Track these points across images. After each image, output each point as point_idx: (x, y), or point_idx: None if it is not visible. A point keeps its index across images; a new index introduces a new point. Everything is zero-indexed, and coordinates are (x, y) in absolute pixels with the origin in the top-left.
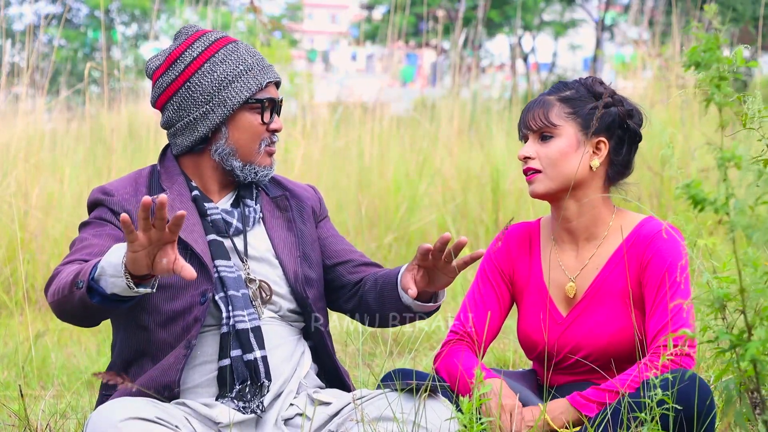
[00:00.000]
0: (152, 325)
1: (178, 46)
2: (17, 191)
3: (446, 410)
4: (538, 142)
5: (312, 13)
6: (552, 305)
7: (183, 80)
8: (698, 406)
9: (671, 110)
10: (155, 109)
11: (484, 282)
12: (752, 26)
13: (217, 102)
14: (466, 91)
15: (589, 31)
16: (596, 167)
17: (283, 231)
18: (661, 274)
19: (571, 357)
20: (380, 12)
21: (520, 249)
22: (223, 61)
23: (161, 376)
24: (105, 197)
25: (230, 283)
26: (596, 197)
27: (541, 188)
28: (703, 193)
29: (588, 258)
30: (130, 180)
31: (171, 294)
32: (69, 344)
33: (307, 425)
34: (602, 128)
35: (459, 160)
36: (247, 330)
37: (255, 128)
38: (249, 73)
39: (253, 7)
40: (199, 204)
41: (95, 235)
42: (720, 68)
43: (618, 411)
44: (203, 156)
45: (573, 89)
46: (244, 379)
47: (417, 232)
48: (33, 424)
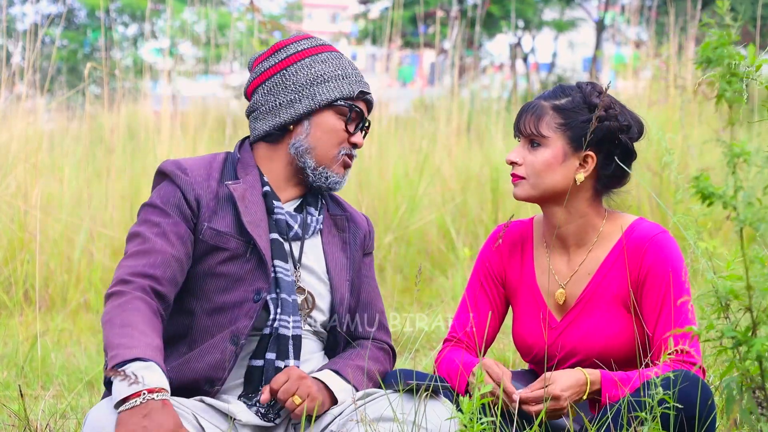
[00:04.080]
0: (199, 310)
1: (286, 39)
2: (17, 191)
3: (446, 411)
4: (528, 147)
5: (312, 13)
6: (545, 307)
7: (280, 68)
8: (699, 406)
9: (670, 110)
10: (246, 98)
11: (477, 286)
12: (752, 26)
13: (306, 94)
14: (466, 91)
15: (588, 31)
16: (580, 181)
17: (337, 250)
18: (665, 281)
19: (566, 361)
20: (378, 9)
21: (513, 251)
22: (324, 62)
23: (209, 371)
24: (179, 173)
25: (284, 286)
26: (584, 207)
27: (523, 194)
28: (712, 186)
29: (579, 264)
30: (205, 162)
31: (225, 285)
32: (69, 344)
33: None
34: (591, 142)
35: (458, 160)
36: (288, 337)
37: (337, 132)
38: (345, 79)
39: (253, 6)
40: (268, 200)
41: (158, 234)
42: (732, 64)
43: (618, 411)
44: (279, 147)
45: (569, 97)
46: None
47: (417, 232)
48: (33, 424)
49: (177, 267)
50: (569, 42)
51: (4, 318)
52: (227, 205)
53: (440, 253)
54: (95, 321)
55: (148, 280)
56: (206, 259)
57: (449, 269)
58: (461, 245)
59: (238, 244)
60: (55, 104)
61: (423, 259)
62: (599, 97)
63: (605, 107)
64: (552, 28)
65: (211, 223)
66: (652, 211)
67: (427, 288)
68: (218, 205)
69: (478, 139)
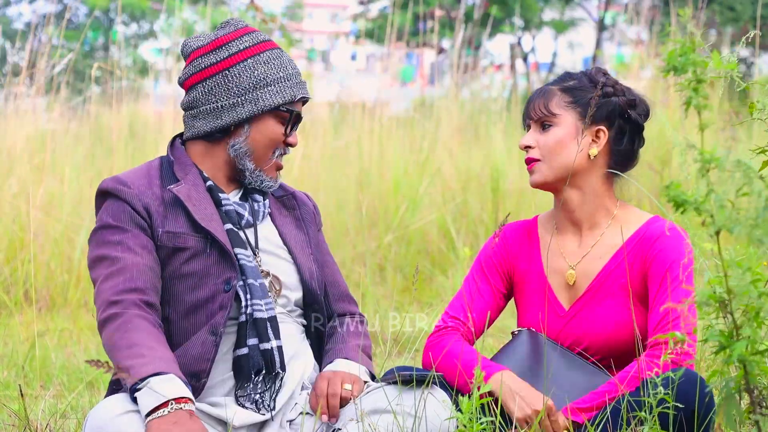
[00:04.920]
0: (174, 316)
1: (225, 34)
2: (20, 192)
3: (440, 402)
4: (539, 131)
5: (312, 13)
6: (554, 298)
7: (223, 67)
8: (698, 403)
9: (670, 110)
10: (181, 87)
11: (479, 275)
12: (752, 26)
13: (249, 98)
14: (466, 91)
15: (588, 31)
16: (594, 155)
17: (293, 228)
18: (663, 271)
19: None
20: (377, 8)
21: (520, 243)
22: (266, 63)
23: (192, 364)
24: (122, 188)
25: (249, 272)
26: (599, 185)
27: (540, 178)
28: (684, 194)
29: (590, 246)
30: (143, 172)
31: (193, 283)
32: (69, 344)
33: (308, 423)
34: (602, 117)
35: (459, 160)
36: (265, 319)
37: (275, 136)
38: (287, 82)
39: (254, 5)
40: (213, 194)
41: (123, 251)
42: (697, 72)
43: (618, 410)
44: (217, 147)
45: (576, 79)
46: (259, 369)
47: (417, 231)
48: (33, 424)
49: (153, 276)
50: (569, 42)
51: (4, 318)
52: (176, 208)
53: (440, 253)
54: (95, 321)
55: (135, 294)
56: (170, 263)
57: (449, 269)
58: (461, 245)
59: (197, 241)
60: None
61: (423, 259)
62: (605, 76)
63: (612, 84)
64: (551, 28)
65: (165, 227)
66: (652, 210)
67: (427, 287)
68: (167, 209)
69: (479, 139)
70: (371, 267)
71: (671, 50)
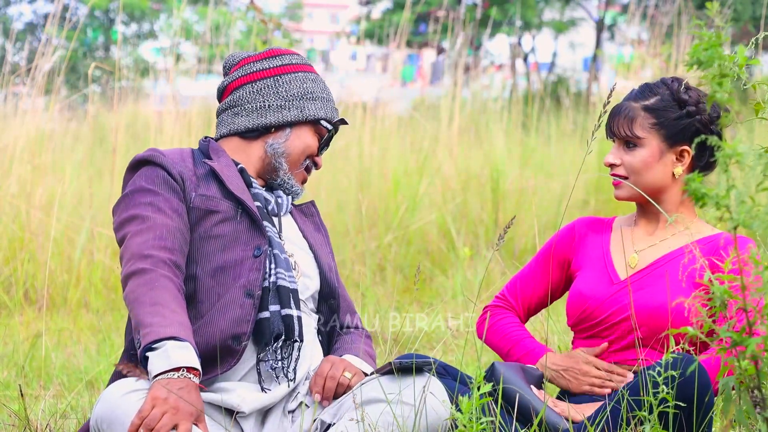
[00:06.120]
0: (201, 274)
1: (277, 48)
2: (20, 192)
3: (437, 391)
4: (623, 149)
5: (312, 13)
6: (612, 267)
7: (274, 73)
8: (698, 396)
9: None
10: (221, 93)
11: (537, 260)
12: (752, 26)
13: (296, 105)
14: (466, 91)
15: (588, 31)
16: (679, 174)
17: (312, 230)
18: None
19: (614, 326)
20: (380, 10)
21: (590, 231)
22: (314, 81)
23: (233, 327)
24: (158, 155)
25: (276, 245)
26: (680, 198)
27: (625, 194)
28: (704, 187)
29: (660, 240)
30: (177, 151)
31: (223, 244)
32: (69, 344)
33: (308, 414)
34: (686, 137)
35: (459, 160)
36: (288, 288)
37: (310, 147)
38: (329, 103)
39: (254, 5)
40: (245, 176)
41: (155, 211)
42: (722, 66)
43: (618, 410)
44: (253, 144)
45: (657, 96)
46: (279, 334)
47: (417, 231)
48: (33, 424)
49: (182, 239)
50: (569, 42)
51: (5, 318)
52: (209, 178)
53: (440, 253)
54: (95, 321)
55: (166, 253)
56: (201, 224)
57: (449, 269)
58: (461, 245)
59: (229, 207)
60: (57, 105)
61: (423, 259)
62: (687, 93)
63: (695, 102)
64: (551, 28)
65: (199, 191)
66: None
67: (427, 288)
68: (200, 180)
69: (479, 139)
70: (371, 267)
71: (696, 44)
